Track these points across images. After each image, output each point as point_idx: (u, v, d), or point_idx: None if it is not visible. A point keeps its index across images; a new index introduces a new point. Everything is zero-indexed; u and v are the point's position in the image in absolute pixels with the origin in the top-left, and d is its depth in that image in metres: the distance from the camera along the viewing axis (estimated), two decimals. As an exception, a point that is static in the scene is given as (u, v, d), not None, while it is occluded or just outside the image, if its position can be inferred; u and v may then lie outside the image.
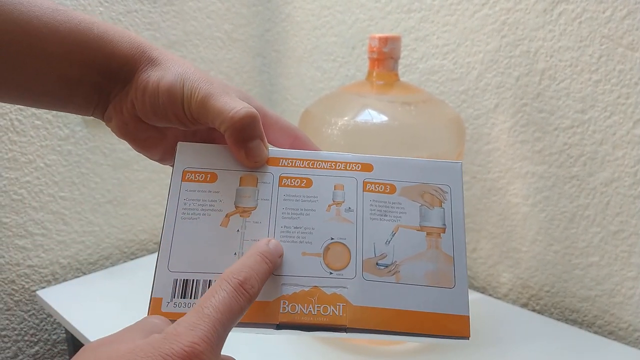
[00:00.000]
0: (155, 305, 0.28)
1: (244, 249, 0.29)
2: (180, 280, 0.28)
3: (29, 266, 0.78)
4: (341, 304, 0.28)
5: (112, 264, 0.87)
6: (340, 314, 0.28)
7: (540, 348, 0.63)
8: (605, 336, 0.68)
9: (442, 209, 0.31)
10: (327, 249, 0.30)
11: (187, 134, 0.35)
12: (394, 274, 0.29)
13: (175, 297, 0.28)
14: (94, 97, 0.33)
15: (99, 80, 0.32)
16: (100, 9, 0.79)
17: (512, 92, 0.72)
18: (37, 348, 0.82)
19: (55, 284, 0.81)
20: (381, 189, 0.32)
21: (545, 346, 0.64)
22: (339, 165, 0.32)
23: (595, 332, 0.69)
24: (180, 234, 0.29)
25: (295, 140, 0.35)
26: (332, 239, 0.30)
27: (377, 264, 0.30)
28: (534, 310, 0.75)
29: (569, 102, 0.67)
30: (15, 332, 0.79)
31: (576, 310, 0.71)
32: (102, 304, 0.72)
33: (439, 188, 0.32)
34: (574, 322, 0.72)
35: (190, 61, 0.92)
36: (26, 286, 0.79)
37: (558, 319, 0.73)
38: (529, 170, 0.72)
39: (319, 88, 0.96)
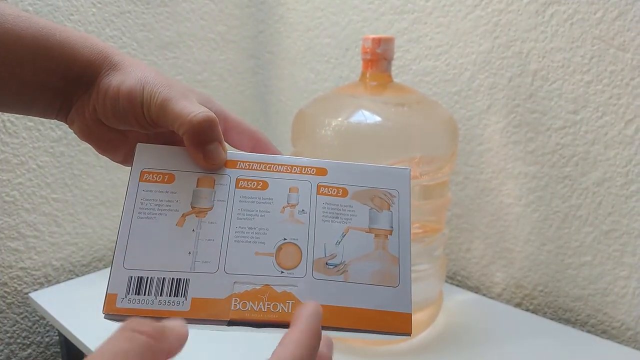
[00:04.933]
0: (110, 301, 0.29)
1: (199, 249, 0.30)
2: (135, 277, 0.29)
3: (21, 268, 0.78)
4: (291, 302, 0.29)
5: (105, 266, 0.87)
6: (289, 311, 0.29)
7: (534, 347, 0.64)
8: (598, 335, 0.69)
9: (390, 212, 0.33)
10: (279, 249, 0.31)
11: (149, 136, 0.36)
12: (342, 273, 0.31)
13: (130, 293, 0.29)
14: (56, 101, 0.33)
15: (61, 85, 0.33)
16: (93, 10, 0.79)
17: (504, 93, 0.72)
18: (29, 351, 0.82)
19: (48, 286, 0.81)
20: (334, 192, 0.33)
21: (539, 345, 0.64)
22: (295, 169, 0.34)
23: (589, 331, 0.70)
24: (136, 232, 0.30)
25: (257, 144, 0.36)
26: (284, 239, 0.31)
27: (326, 263, 0.31)
28: (527, 310, 0.75)
29: (561, 102, 0.67)
30: (8, 335, 0.79)
31: (569, 310, 0.72)
32: (95, 306, 0.71)
33: (388, 192, 0.34)
34: (567, 322, 0.72)
35: (184, 62, 0.92)
36: (18, 288, 0.78)
37: (551, 319, 0.73)
38: (522, 171, 0.72)
39: (313, 89, 0.96)
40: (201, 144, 0.31)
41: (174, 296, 0.29)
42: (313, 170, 0.34)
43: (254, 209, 0.32)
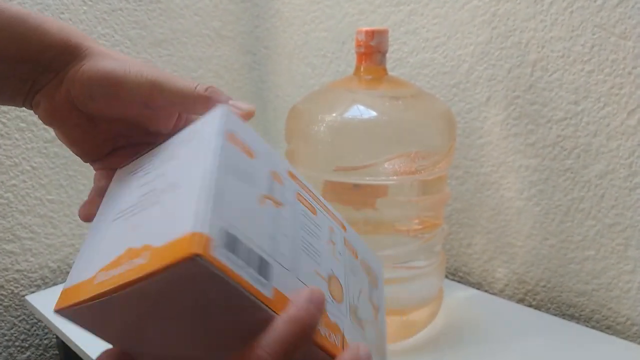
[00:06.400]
0: (199, 242, 0.21)
1: (278, 239, 0.26)
2: (231, 233, 0.23)
3: (17, 271, 0.77)
4: (339, 335, 0.27)
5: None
6: (339, 345, 0.26)
7: (537, 344, 0.62)
8: (602, 331, 0.67)
9: (378, 290, 0.34)
10: (330, 277, 0.29)
11: (115, 131, 0.35)
12: (363, 329, 0.30)
13: (225, 248, 0.22)
14: (23, 89, 0.33)
15: (29, 73, 0.32)
16: (84, 8, 0.78)
17: (503, 85, 0.70)
18: (28, 353, 0.81)
19: (45, 288, 0.80)
20: (352, 251, 0.33)
21: (542, 342, 0.63)
22: (330, 212, 0.33)
23: (593, 327, 0.68)
24: (222, 187, 0.24)
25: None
26: (332, 271, 0.29)
27: (356, 313, 0.30)
28: (530, 306, 0.74)
29: (562, 93, 0.66)
30: (6, 338, 0.78)
31: (573, 305, 0.70)
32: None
33: (376, 273, 0.35)
34: (571, 317, 0.71)
35: (179, 60, 0.91)
36: (15, 291, 0.78)
37: (555, 314, 0.72)
38: (523, 164, 0.71)
39: (310, 84, 0.95)
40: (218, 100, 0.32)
41: (261, 276, 0.23)
42: (339, 222, 0.34)
43: (311, 228, 0.29)
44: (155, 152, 0.32)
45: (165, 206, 0.25)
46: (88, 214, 0.33)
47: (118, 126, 0.34)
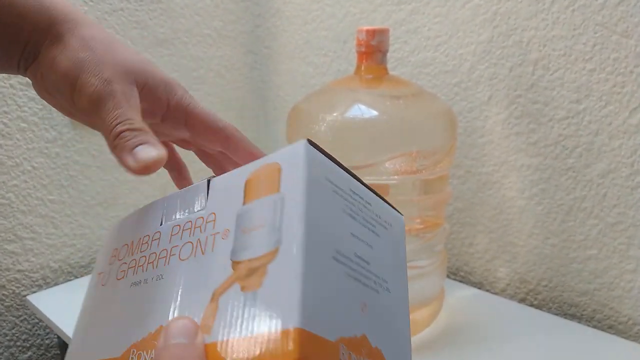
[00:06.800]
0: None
1: None
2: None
3: (19, 271, 0.77)
4: None
5: (105, 267, 0.86)
6: None
7: (539, 343, 0.62)
8: (604, 330, 0.67)
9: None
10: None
11: None
12: None
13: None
14: (12, 65, 0.30)
15: (13, 50, 0.29)
16: (85, 8, 0.77)
17: (505, 84, 0.70)
18: (30, 353, 0.81)
19: (46, 288, 0.80)
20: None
21: (544, 341, 0.63)
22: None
23: (595, 327, 0.68)
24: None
25: (228, 141, 0.31)
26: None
27: None
28: (532, 305, 0.74)
29: (564, 92, 0.65)
30: (7, 338, 0.78)
31: (575, 305, 0.70)
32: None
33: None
34: (572, 317, 0.71)
35: (179, 59, 0.90)
36: (16, 291, 0.78)
37: (557, 314, 0.71)
38: (524, 163, 0.70)
39: (311, 84, 0.95)
40: (123, 153, 0.27)
41: None
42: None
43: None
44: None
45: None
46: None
47: None
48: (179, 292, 0.24)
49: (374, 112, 0.57)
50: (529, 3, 0.66)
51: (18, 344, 0.80)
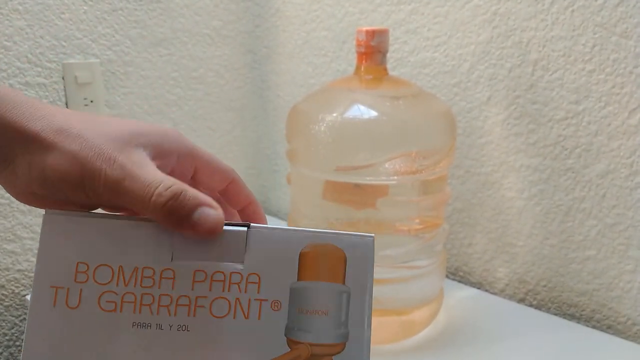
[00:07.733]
0: None
1: None
2: None
3: (18, 270, 0.77)
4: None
5: (104, 267, 0.86)
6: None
7: (538, 343, 0.62)
8: (603, 331, 0.67)
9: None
10: None
11: None
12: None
13: None
14: None
15: None
16: (85, 7, 0.77)
17: (504, 84, 0.70)
18: (29, 353, 0.81)
19: (45, 288, 0.80)
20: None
21: (543, 341, 0.63)
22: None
23: (594, 327, 0.68)
24: None
25: (230, 185, 0.32)
26: None
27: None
28: (531, 306, 0.74)
29: (563, 92, 0.65)
30: (7, 338, 0.78)
31: (574, 305, 0.70)
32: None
33: None
34: (571, 317, 0.71)
35: (179, 59, 0.90)
36: (16, 291, 0.78)
37: (556, 314, 0.71)
38: (524, 163, 0.71)
39: (311, 84, 0.95)
40: (182, 220, 0.25)
41: None
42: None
43: None
44: None
45: None
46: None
47: None
48: (227, 352, 0.24)
49: (374, 113, 0.57)
50: (529, 4, 0.66)
51: (17, 343, 0.80)
